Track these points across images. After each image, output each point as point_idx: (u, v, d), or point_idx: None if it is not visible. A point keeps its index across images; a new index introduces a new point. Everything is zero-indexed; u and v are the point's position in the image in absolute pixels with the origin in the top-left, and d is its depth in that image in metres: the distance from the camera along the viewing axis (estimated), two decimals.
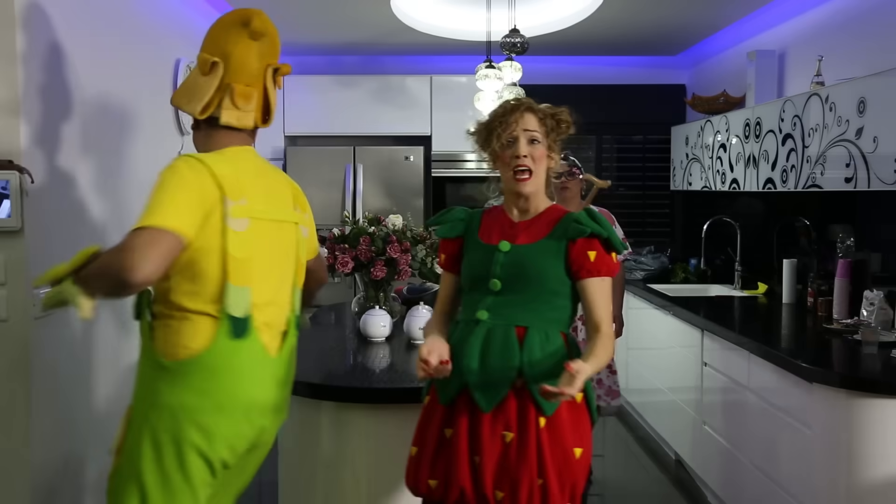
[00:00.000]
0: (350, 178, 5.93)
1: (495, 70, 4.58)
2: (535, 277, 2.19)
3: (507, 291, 2.21)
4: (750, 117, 4.65)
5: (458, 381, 2.19)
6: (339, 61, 6.62)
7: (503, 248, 2.25)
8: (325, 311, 4.37)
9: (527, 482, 2.11)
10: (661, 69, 6.75)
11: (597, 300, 2.21)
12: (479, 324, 2.21)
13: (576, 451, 2.17)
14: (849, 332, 3.58)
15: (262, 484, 4.59)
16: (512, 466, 2.13)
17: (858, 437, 2.91)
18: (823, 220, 4.48)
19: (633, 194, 6.56)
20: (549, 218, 2.29)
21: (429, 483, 2.23)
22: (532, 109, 2.29)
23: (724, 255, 5.65)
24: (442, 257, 2.41)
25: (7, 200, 2.61)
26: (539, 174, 2.27)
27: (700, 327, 4.29)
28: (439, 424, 2.24)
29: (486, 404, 2.15)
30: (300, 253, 2.37)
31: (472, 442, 2.18)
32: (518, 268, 2.21)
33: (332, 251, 3.48)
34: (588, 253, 2.19)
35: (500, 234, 2.29)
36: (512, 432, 2.14)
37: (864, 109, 3.43)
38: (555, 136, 2.32)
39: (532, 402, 2.15)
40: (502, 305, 2.21)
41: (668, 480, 4.65)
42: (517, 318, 2.20)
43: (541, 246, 2.22)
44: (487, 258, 2.25)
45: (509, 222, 2.31)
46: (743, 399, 3.72)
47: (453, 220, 2.39)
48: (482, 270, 2.25)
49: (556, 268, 2.20)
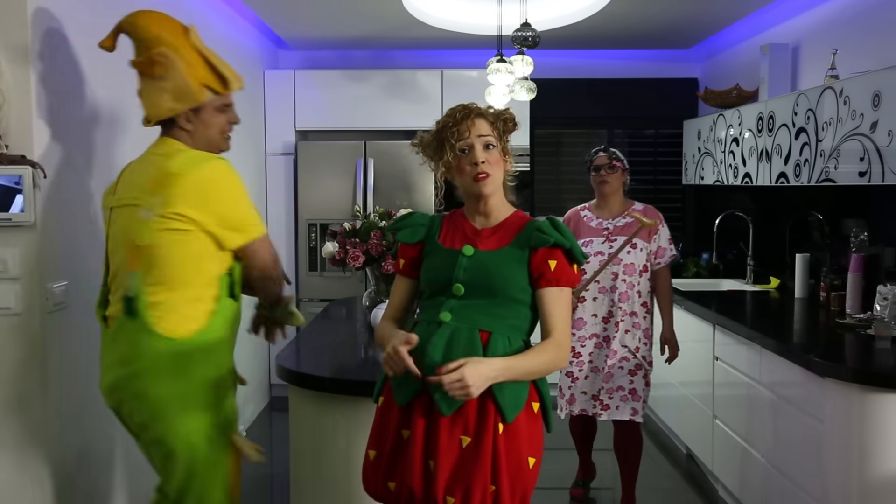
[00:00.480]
0: (361, 173, 5.93)
1: (506, 64, 4.57)
2: (499, 284, 2.17)
3: (469, 296, 2.18)
4: (763, 111, 4.63)
5: (416, 382, 2.14)
6: (349, 56, 6.62)
7: (467, 252, 2.22)
8: (337, 305, 4.39)
9: (480, 488, 2.07)
10: (674, 63, 6.72)
11: (554, 310, 2.18)
12: (443, 325, 2.17)
13: (529, 460, 2.14)
14: (862, 327, 3.56)
15: (274, 477, 4.62)
16: (467, 471, 2.08)
17: (871, 431, 2.89)
18: (837, 215, 4.46)
19: (644, 188, 6.54)
20: (513, 225, 2.27)
21: (388, 486, 2.19)
22: (482, 114, 2.26)
23: (737, 249, 5.63)
24: (401, 262, 2.36)
25: (20, 195, 2.62)
26: (496, 176, 2.25)
27: (712, 322, 4.28)
28: (396, 425, 2.20)
29: (446, 407, 2.10)
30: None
31: (427, 445, 2.13)
32: (481, 273, 2.18)
33: (343, 245, 3.48)
34: (549, 262, 2.18)
35: (463, 240, 2.27)
36: (469, 437, 2.10)
37: (878, 103, 3.41)
38: (506, 138, 2.30)
39: (494, 407, 2.10)
40: (465, 308, 2.18)
41: (679, 474, 4.64)
42: (480, 321, 2.17)
43: (504, 253, 2.21)
44: (450, 262, 2.22)
45: (472, 229, 2.29)
46: (755, 394, 3.71)
47: (414, 224, 2.35)
48: (445, 275, 2.22)
49: (518, 275, 2.19)
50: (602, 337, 3.85)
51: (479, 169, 2.21)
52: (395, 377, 2.18)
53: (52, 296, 2.75)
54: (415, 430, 2.14)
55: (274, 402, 6.13)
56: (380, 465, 2.21)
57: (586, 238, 3.87)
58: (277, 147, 6.14)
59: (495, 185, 2.25)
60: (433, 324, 2.19)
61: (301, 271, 6.06)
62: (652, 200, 6.47)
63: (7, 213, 2.64)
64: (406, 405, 2.18)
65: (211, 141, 2.57)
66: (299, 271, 6.08)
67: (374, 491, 2.24)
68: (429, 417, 2.14)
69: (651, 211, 3.89)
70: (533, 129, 6.31)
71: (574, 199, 4.12)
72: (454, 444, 2.10)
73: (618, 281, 3.79)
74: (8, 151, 2.66)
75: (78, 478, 2.91)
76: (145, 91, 2.55)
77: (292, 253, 6.14)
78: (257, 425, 5.56)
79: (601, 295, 3.82)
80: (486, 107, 2.30)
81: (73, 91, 2.96)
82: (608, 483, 4.42)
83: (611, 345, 3.81)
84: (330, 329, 3.63)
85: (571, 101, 6.63)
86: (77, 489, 2.91)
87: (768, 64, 4.86)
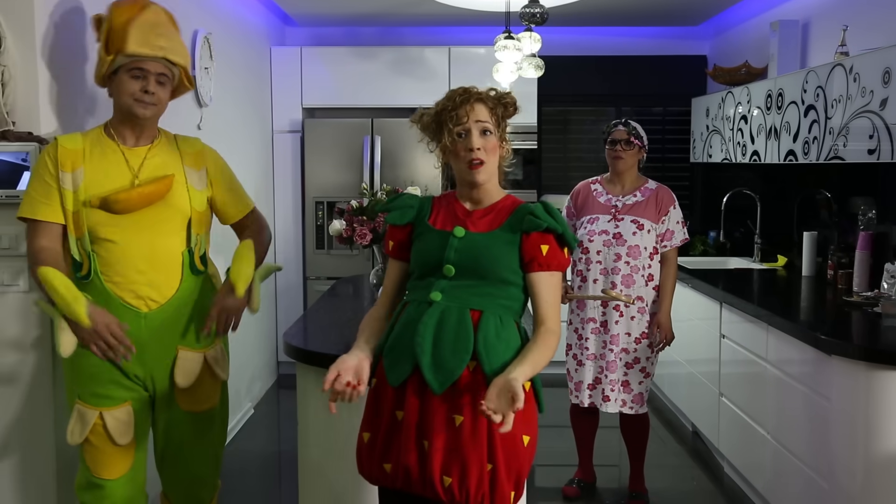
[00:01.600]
0: (368, 151, 5.92)
1: (514, 41, 4.55)
2: (489, 265, 2.17)
3: (460, 277, 2.18)
4: (772, 88, 4.60)
5: (409, 363, 2.14)
6: (357, 32, 6.59)
7: (458, 233, 2.21)
8: (344, 283, 4.40)
9: (476, 466, 2.07)
10: (682, 40, 6.67)
11: (546, 295, 2.19)
12: (433, 304, 2.17)
13: (524, 439, 2.13)
14: (869, 305, 3.56)
15: (282, 454, 4.65)
16: (462, 450, 2.08)
17: (877, 409, 2.90)
18: (845, 193, 4.44)
19: (652, 166, 6.50)
20: (505, 208, 2.25)
21: (384, 468, 2.19)
22: (482, 99, 2.24)
23: (744, 227, 5.61)
24: (390, 244, 2.35)
25: (27, 172, 2.63)
26: (491, 163, 2.23)
27: (719, 300, 4.28)
28: (390, 407, 2.19)
29: (438, 386, 2.10)
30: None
31: (421, 425, 2.13)
32: (472, 254, 2.18)
33: (351, 223, 3.48)
34: (541, 246, 2.17)
35: (454, 222, 2.26)
36: (462, 416, 2.09)
37: (888, 80, 3.38)
38: (504, 124, 2.28)
39: (486, 387, 2.07)
40: (456, 289, 2.17)
41: (686, 452, 4.66)
42: (471, 301, 2.16)
43: (495, 235, 2.20)
44: (441, 243, 2.21)
45: (463, 210, 2.27)
46: (761, 371, 3.71)
47: (403, 206, 2.33)
48: (436, 255, 2.21)
49: (509, 257, 2.18)
50: (600, 322, 3.78)
51: (474, 155, 2.19)
52: (389, 357, 2.19)
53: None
54: (409, 411, 2.14)
55: (281, 379, 6.17)
56: (374, 448, 2.21)
57: (592, 214, 3.80)
58: (284, 125, 6.13)
59: (489, 173, 2.23)
60: (423, 304, 2.19)
61: (308, 249, 6.07)
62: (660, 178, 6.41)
63: (14, 189, 2.64)
64: (399, 386, 2.17)
65: (125, 107, 2.54)
66: (306, 249, 6.09)
67: (370, 473, 2.23)
68: (422, 397, 2.13)
69: (663, 190, 3.84)
70: (540, 106, 6.28)
71: (581, 176, 4.08)
72: (448, 423, 2.10)
73: (620, 262, 3.70)
74: (15, 128, 2.66)
75: None
76: None
77: (299, 231, 6.15)
78: (265, 403, 5.60)
79: (602, 276, 3.74)
80: (488, 89, 2.27)
81: (79, 68, 2.96)
82: (614, 461, 4.44)
83: (610, 331, 3.76)
84: (337, 307, 3.64)
85: (579, 79, 6.59)
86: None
87: (778, 41, 4.82)
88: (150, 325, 2.57)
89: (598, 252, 3.74)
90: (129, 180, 2.54)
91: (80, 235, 2.51)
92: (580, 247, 3.79)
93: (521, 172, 6.13)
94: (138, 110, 2.53)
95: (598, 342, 3.79)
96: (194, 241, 2.65)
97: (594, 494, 4.04)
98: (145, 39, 2.49)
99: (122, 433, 2.56)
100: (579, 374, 3.83)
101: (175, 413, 2.67)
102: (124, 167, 2.55)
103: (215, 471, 2.83)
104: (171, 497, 2.79)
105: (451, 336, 2.11)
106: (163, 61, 2.55)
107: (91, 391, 2.54)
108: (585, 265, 3.78)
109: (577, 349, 3.84)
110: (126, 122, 2.58)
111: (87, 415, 2.53)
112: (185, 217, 2.63)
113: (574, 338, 3.85)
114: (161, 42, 2.53)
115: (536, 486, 4.11)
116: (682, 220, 3.83)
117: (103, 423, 2.53)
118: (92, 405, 2.53)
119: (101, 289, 2.52)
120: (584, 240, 3.77)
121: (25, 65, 2.66)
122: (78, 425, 2.53)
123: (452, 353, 2.11)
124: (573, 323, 3.86)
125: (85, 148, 2.54)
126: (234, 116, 5.04)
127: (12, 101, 2.66)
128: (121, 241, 2.51)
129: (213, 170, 2.75)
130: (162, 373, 2.62)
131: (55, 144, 2.52)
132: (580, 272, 3.81)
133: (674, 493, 4.09)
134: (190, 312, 2.64)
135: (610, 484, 4.17)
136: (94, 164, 2.52)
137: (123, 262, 2.52)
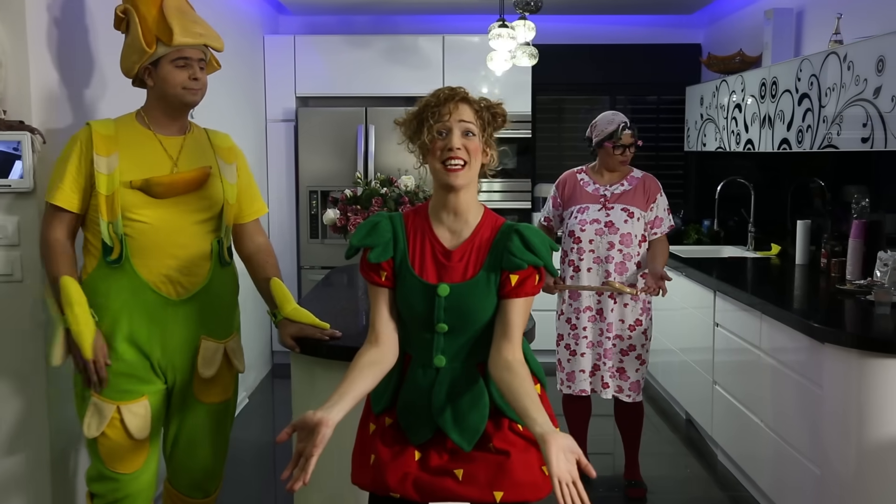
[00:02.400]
0: (362, 139, 5.91)
1: (508, 29, 4.54)
2: (480, 317, 2.07)
3: (455, 331, 2.08)
4: (766, 77, 4.60)
5: (427, 427, 2.09)
6: (350, 21, 6.57)
7: (442, 292, 2.06)
8: (338, 272, 4.39)
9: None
10: (676, 28, 6.66)
11: (513, 320, 2.05)
12: (440, 371, 2.10)
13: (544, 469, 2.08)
14: (862, 293, 3.57)
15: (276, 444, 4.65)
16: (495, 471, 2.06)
17: (869, 396, 2.91)
18: (838, 181, 4.44)
19: (646, 155, 6.49)
20: (484, 238, 2.09)
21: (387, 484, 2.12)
22: (468, 100, 2.07)
23: (738, 216, 5.62)
24: (382, 275, 2.11)
25: (19, 161, 2.62)
26: (473, 168, 2.06)
27: (712, 288, 4.28)
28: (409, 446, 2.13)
29: (467, 445, 2.06)
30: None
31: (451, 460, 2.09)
32: (461, 310, 2.06)
33: (345, 212, 3.48)
34: (510, 277, 2.05)
35: (434, 267, 2.09)
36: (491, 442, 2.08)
37: (882, 68, 3.38)
38: (491, 131, 2.10)
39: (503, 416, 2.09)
40: (455, 345, 2.10)
41: (679, 440, 4.68)
42: (475, 354, 2.10)
43: (478, 282, 2.06)
44: (428, 300, 2.07)
45: (442, 249, 2.10)
46: (755, 359, 3.72)
47: (383, 242, 2.11)
48: (423, 311, 2.08)
49: (493, 298, 2.07)
50: (595, 310, 3.79)
51: (453, 154, 2.02)
52: (404, 420, 2.13)
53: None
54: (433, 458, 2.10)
55: (276, 369, 6.17)
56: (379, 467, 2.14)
57: (583, 204, 3.80)
58: (278, 113, 6.11)
59: (468, 179, 2.05)
60: (430, 368, 2.12)
61: (302, 239, 6.06)
62: (654, 167, 6.46)
63: (6, 179, 2.63)
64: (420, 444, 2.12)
65: (174, 97, 2.55)
66: (300, 239, 6.08)
67: (362, 484, 2.19)
68: (447, 449, 2.10)
69: (650, 179, 3.85)
70: (535, 95, 6.27)
71: (576, 165, 4.07)
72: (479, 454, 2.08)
73: (613, 251, 3.72)
74: (6, 117, 2.65)
75: (79, 444, 2.93)
76: (122, 49, 2.60)
77: (293, 220, 6.14)
78: (259, 392, 5.60)
79: (595, 265, 3.75)
80: (480, 98, 2.13)
81: (71, 56, 2.94)
82: (607, 449, 4.46)
83: (605, 319, 3.78)
84: (331, 296, 3.64)
85: (573, 67, 6.58)
86: (76, 454, 2.94)
87: (772, 29, 4.82)
88: (178, 314, 2.57)
89: (591, 241, 3.75)
90: (169, 167, 2.56)
91: (114, 219, 2.48)
92: (572, 237, 3.79)
93: (515, 161, 6.12)
94: (190, 98, 2.57)
95: (595, 329, 3.80)
96: (224, 233, 2.68)
97: (588, 482, 4.05)
98: (186, 28, 2.50)
99: (140, 428, 2.55)
100: (571, 365, 3.84)
101: (192, 404, 2.67)
102: (163, 154, 2.57)
103: (223, 463, 2.84)
104: (178, 487, 2.78)
105: (466, 397, 2.07)
106: (202, 47, 2.57)
107: (110, 385, 2.50)
108: (578, 255, 3.78)
109: (570, 339, 3.84)
110: (168, 111, 2.59)
111: (104, 409, 2.51)
112: (218, 207, 2.65)
113: (567, 328, 3.85)
114: (198, 29, 2.55)
115: None
116: (668, 208, 3.87)
117: (121, 417, 2.52)
118: (109, 399, 2.51)
119: (132, 274, 2.51)
120: (575, 229, 3.78)
121: (16, 53, 2.64)
122: (95, 419, 2.51)
123: (472, 410, 2.07)
124: (566, 313, 3.86)
125: (118, 134, 2.53)
126: (228, 105, 5.02)
127: (3, 89, 2.64)
128: (155, 225, 2.52)
129: (241, 166, 2.79)
130: (183, 363, 2.63)
131: (88, 129, 2.51)
132: (572, 262, 3.81)
133: (668, 481, 4.10)
134: (214, 303, 2.66)
135: (604, 472, 4.18)
136: (131, 150, 2.52)
137: (157, 247, 2.52)
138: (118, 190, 2.47)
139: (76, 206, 2.48)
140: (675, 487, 4.05)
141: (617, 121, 3.78)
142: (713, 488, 4.03)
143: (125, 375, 2.52)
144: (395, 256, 2.11)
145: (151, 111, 2.60)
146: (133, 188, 2.48)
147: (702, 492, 3.99)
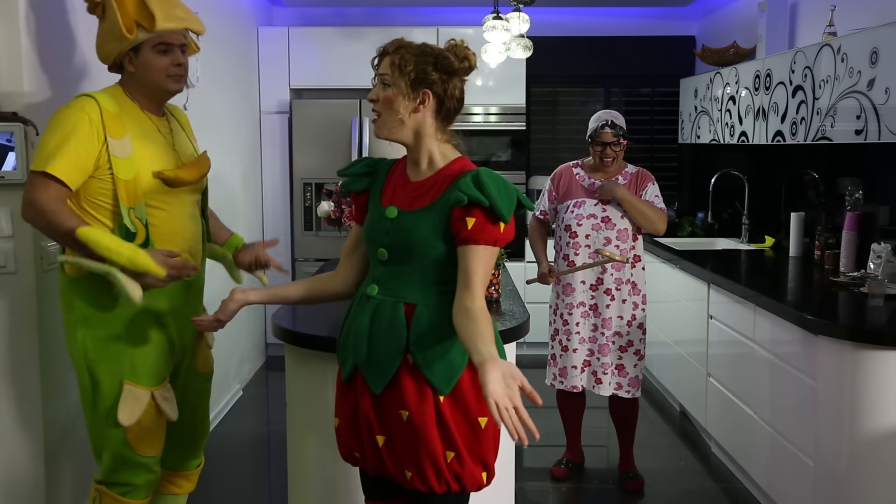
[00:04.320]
0: (356, 132, 5.90)
1: (503, 21, 4.53)
2: (420, 248, 2.04)
3: (394, 262, 2.08)
4: (760, 69, 4.60)
5: (352, 361, 2.13)
6: (344, 13, 6.55)
7: (390, 214, 2.09)
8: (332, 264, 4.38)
9: (428, 459, 2.03)
10: (671, 20, 6.66)
11: (472, 267, 1.99)
12: (369, 300, 2.10)
13: (480, 421, 2.07)
14: (855, 285, 3.58)
15: (271, 435, 4.66)
16: (412, 445, 2.04)
17: (863, 388, 2.92)
18: (832, 173, 4.45)
19: (640, 147, 6.52)
20: (446, 178, 2.08)
21: (354, 455, 2.20)
22: (386, 52, 2.09)
23: (732, 208, 5.63)
24: (353, 209, 2.27)
25: (12, 153, 2.60)
26: (390, 117, 2.08)
27: (706, 281, 4.29)
28: (351, 396, 2.18)
29: (375, 386, 2.07)
30: None
31: (372, 419, 2.10)
32: (403, 237, 2.06)
33: (339, 205, 3.47)
34: (466, 219, 1.99)
35: (394, 196, 2.13)
36: (408, 411, 2.04)
37: (876, 60, 3.39)
38: (411, 71, 2.05)
39: (426, 382, 2.03)
40: (391, 278, 2.09)
41: (673, 432, 4.69)
42: (405, 293, 2.07)
43: (425, 213, 2.05)
44: (378, 224, 2.11)
45: (407, 181, 2.14)
46: (748, 352, 3.73)
47: (357, 173, 2.23)
48: (373, 237, 2.13)
49: (441, 236, 2.03)
50: (589, 306, 3.80)
51: (373, 107, 2.11)
52: (341, 353, 2.19)
53: (47, 255, 2.75)
54: (362, 404, 2.12)
55: (270, 361, 6.17)
56: (343, 435, 2.21)
57: (579, 198, 3.80)
58: (272, 105, 6.10)
59: (388, 128, 2.09)
60: (363, 298, 2.14)
61: (296, 231, 6.05)
62: (648, 160, 6.48)
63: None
64: (349, 381, 2.17)
65: (157, 84, 2.51)
66: (294, 231, 6.07)
67: (346, 456, 2.25)
68: (371, 393, 2.11)
69: (643, 173, 3.85)
70: (529, 87, 6.27)
71: (570, 157, 4.07)
72: (396, 419, 2.07)
73: (610, 247, 3.73)
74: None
75: (73, 436, 2.93)
76: (97, 35, 2.55)
77: (287, 212, 6.13)
78: (253, 384, 5.60)
79: (590, 261, 3.75)
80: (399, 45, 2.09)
81: (64, 46, 2.93)
82: (601, 441, 4.47)
83: (601, 314, 3.78)
84: None
85: (568, 60, 6.58)
86: (70, 446, 2.93)
87: (766, 21, 4.82)
88: (190, 295, 2.66)
89: (587, 236, 3.75)
90: (173, 155, 2.57)
91: (135, 205, 2.44)
92: (568, 231, 3.79)
93: (510, 154, 6.12)
94: (173, 86, 2.54)
95: (588, 325, 3.80)
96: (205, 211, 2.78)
97: (582, 475, 4.07)
98: (168, 13, 2.46)
99: (173, 409, 2.60)
100: (564, 360, 3.84)
101: (192, 375, 2.76)
102: (162, 138, 2.57)
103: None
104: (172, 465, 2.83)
105: (383, 336, 2.06)
106: (183, 31, 2.54)
107: (144, 371, 2.50)
108: (574, 249, 3.78)
109: (563, 335, 3.84)
110: (152, 96, 2.56)
111: (140, 395, 2.50)
112: (203, 188, 2.73)
113: (560, 323, 3.85)
114: (179, 12, 2.51)
115: (525, 467, 4.13)
116: (660, 195, 3.85)
117: (154, 402, 2.53)
118: (144, 385, 2.51)
119: None
120: (571, 223, 3.78)
121: (9, 45, 2.63)
122: (129, 406, 2.48)
123: (386, 352, 2.06)
124: (559, 308, 3.86)
125: (122, 113, 2.47)
126: (221, 97, 5.00)
127: None
128: (171, 210, 2.54)
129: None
130: (191, 339, 2.72)
131: (96, 107, 2.40)
132: (567, 256, 3.81)
133: (662, 473, 4.11)
134: (204, 278, 2.78)
135: (598, 464, 4.19)
136: (137, 134, 2.48)
137: (174, 232, 2.54)
138: (139, 175, 2.44)
139: (76, 183, 2.37)
140: (669, 479, 4.06)
141: (602, 119, 3.78)
142: (707, 480, 4.04)
143: (159, 360, 2.55)
144: (369, 190, 2.21)
145: (135, 95, 2.55)
146: (155, 177, 2.47)
147: (696, 484, 4.00)
